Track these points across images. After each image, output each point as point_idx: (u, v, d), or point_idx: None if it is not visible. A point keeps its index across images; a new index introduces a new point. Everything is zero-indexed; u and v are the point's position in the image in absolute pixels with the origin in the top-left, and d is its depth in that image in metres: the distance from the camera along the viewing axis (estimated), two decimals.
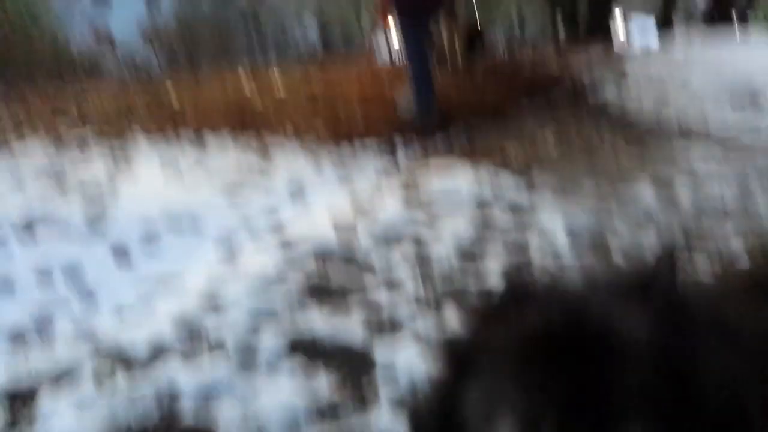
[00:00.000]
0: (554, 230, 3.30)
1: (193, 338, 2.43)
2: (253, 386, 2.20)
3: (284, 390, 2.21)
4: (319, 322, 2.56)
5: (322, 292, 2.78)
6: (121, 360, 2.29)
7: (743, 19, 15.06)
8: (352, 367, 2.36)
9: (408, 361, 2.34)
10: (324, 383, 2.22)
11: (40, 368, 2.20)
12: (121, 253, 2.95)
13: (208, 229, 3.18)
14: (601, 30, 11.31)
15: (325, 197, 3.56)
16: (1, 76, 12.95)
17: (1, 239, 3.06)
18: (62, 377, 2.19)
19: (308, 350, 2.43)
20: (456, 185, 3.77)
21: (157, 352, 2.34)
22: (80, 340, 2.37)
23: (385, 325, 2.52)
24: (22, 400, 2.08)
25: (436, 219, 3.42)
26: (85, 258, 2.86)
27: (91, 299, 2.64)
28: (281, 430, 2.01)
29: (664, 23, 13.49)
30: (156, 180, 3.57)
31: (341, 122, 4.77)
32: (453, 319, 2.61)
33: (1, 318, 2.38)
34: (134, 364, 2.28)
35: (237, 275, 2.82)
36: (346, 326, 2.54)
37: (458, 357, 0.62)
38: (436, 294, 2.78)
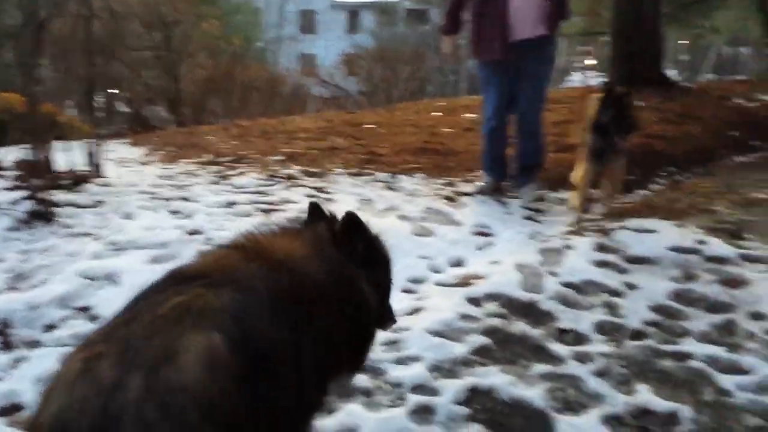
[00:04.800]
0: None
1: (375, 381, 2.52)
2: None
3: None
4: (500, 376, 2.53)
5: (505, 344, 2.74)
6: None
7: None
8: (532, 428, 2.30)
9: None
10: None
11: None
12: None
13: (397, 273, 3.28)
14: None
15: (513, 247, 3.53)
16: (226, 104, 14.36)
17: None
18: None
19: (487, 406, 2.40)
20: (655, 246, 3.53)
21: (341, 393, 2.45)
22: None
23: (570, 399, 2.42)
24: None
25: (629, 281, 3.22)
26: None
27: None
28: None
29: None
30: None
31: None
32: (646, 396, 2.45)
33: None
34: None
35: (420, 321, 2.88)
36: (527, 387, 2.49)
37: None
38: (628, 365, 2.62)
